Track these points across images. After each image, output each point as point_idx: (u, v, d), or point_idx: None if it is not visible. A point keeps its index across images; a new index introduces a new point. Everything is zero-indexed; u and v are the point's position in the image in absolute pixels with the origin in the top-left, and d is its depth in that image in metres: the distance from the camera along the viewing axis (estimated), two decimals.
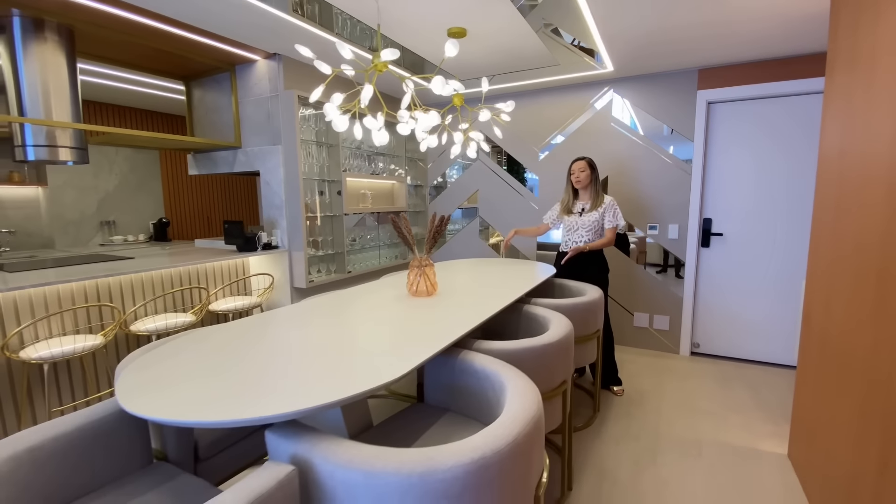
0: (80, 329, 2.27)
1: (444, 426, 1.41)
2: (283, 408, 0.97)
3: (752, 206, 3.16)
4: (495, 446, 0.93)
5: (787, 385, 2.86)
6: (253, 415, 0.95)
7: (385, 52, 1.48)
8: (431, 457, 0.89)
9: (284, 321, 1.69)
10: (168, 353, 1.35)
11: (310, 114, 3.12)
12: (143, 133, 2.68)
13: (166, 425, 1.25)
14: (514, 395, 1.15)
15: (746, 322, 3.25)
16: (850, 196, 1.58)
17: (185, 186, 5.04)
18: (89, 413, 1.12)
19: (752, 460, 2.06)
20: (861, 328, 1.43)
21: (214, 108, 3.23)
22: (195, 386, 1.10)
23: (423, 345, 1.37)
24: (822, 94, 2.83)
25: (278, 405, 0.98)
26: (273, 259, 3.10)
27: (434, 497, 0.87)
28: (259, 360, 1.27)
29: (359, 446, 0.94)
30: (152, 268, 2.39)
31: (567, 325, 1.79)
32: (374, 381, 1.10)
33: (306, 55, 1.62)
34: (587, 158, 2.77)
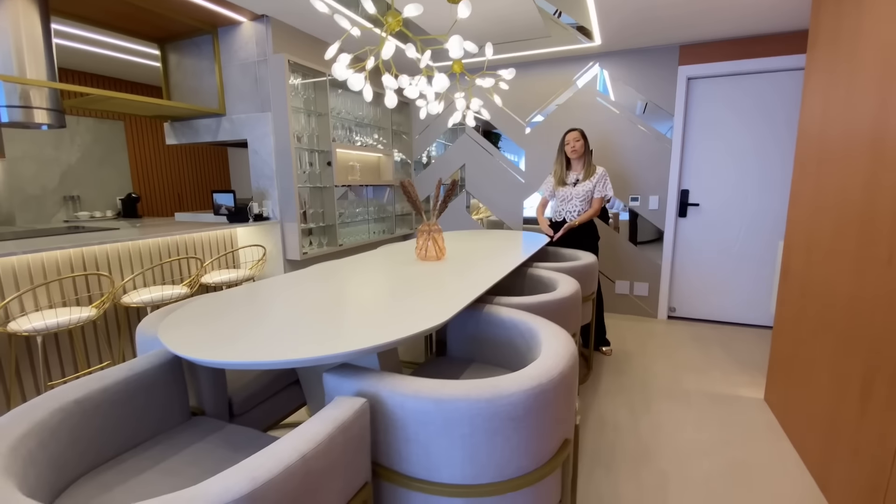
0: (68, 301, 2.15)
1: (474, 373, 1.47)
2: (339, 348, 0.99)
3: (725, 178, 3.36)
4: (549, 376, 1.00)
5: (756, 342, 3.12)
6: (312, 354, 0.96)
7: (409, 6, 1.47)
8: (496, 385, 0.95)
9: (305, 280, 1.69)
10: (199, 310, 1.32)
11: (298, 83, 3.03)
12: (130, 97, 2.52)
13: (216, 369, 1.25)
14: (551, 337, 1.22)
15: (718, 287, 3.49)
16: (831, 154, 1.74)
17: (154, 159, 4.77)
18: (131, 366, 1.10)
19: (734, 405, 2.26)
20: (842, 273, 1.59)
21: (194, 73, 3.07)
22: (242, 334, 1.10)
23: (451, 298, 1.41)
24: (796, 70, 3.03)
25: (335, 346, 1.00)
26: (264, 231, 3.03)
27: (500, 419, 0.92)
28: (295, 311, 1.28)
29: (420, 380, 0.98)
30: (145, 236, 2.28)
31: (574, 283, 1.88)
32: (424, 324, 1.14)
33: (322, 9, 1.58)
34: (580, 129, 2.86)
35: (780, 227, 3.25)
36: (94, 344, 2.31)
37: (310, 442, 0.78)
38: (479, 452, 0.93)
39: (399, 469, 0.98)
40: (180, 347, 1.01)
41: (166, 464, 1.01)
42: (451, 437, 0.92)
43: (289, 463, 0.73)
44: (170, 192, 4.93)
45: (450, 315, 1.21)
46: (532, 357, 1.34)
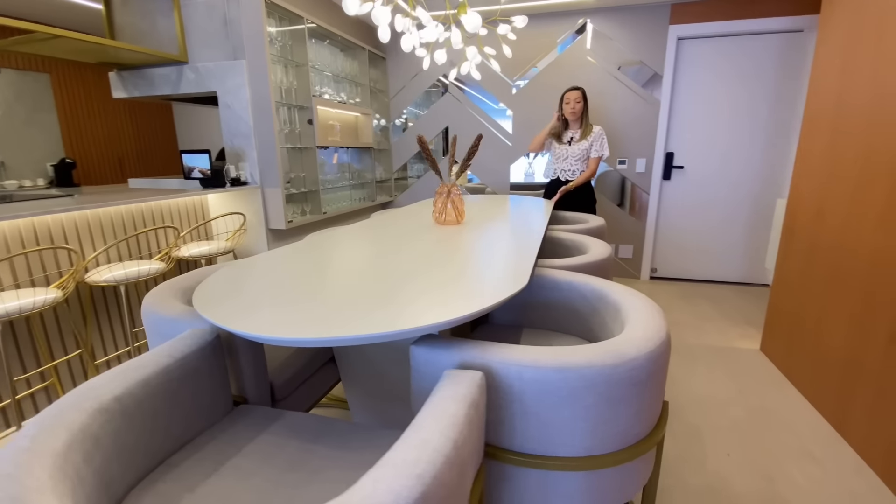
0: (21, 283, 1.81)
1: (533, 339, 1.39)
2: (440, 316, 0.86)
3: (710, 141, 3.44)
4: (660, 337, 0.93)
5: (739, 297, 3.30)
6: (400, 327, 0.82)
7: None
8: (616, 349, 0.86)
9: (328, 248, 1.50)
10: (230, 281, 1.12)
11: (273, 28, 2.67)
12: (71, 34, 2.08)
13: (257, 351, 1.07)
14: (633, 298, 1.15)
15: (699, 247, 3.64)
16: (852, 117, 1.77)
17: (88, 119, 4.12)
18: (171, 351, 0.90)
19: (734, 356, 2.37)
20: (864, 230, 1.64)
21: (144, 12, 2.61)
22: (304, 307, 0.92)
23: (507, 262, 1.30)
24: (790, 32, 3.09)
25: (417, 319, 0.86)
26: (241, 197, 2.72)
27: (625, 385, 0.85)
28: (347, 280, 1.11)
29: (531, 348, 0.88)
30: (111, 202, 1.95)
31: (603, 243, 1.84)
32: (503, 289, 1.02)
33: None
34: (581, 88, 2.77)
35: (763, 188, 3.40)
36: (59, 332, 1.98)
37: (454, 425, 0.66)
38: (602, 421, 0.85)
39: (510, 446, 0.88)
40: (248, 326, 0.83)
41: (232, 463, 0.84)
42: (574, 407, 0.83)
43: (445, 452, 0.60)
44: (109, 156, 4.32)
45: (527, 277, 1.10)
46: (600, 318, 1.28)
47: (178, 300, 1.25)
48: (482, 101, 3.86)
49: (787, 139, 3.27)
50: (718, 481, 1.51)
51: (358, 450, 0.88)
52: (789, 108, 3.22)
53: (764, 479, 1.51)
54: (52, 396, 1.98)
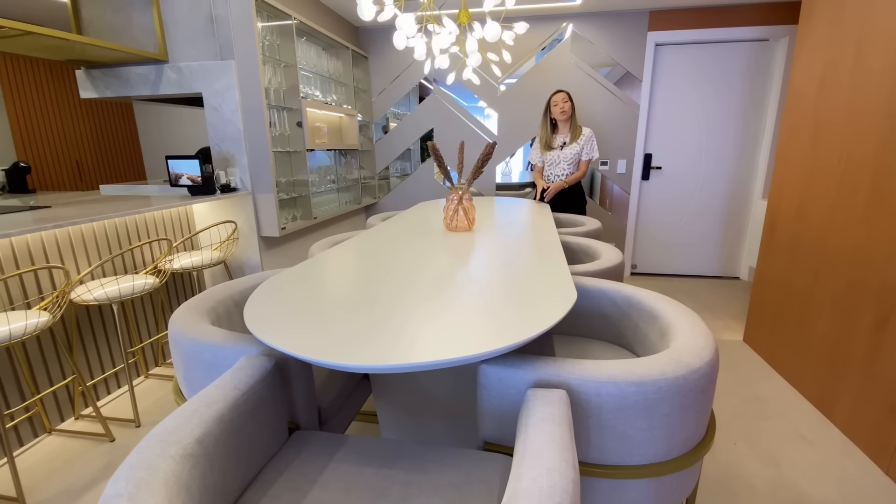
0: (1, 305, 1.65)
1: (565, 346, 1.42)
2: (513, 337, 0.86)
3: (683, 143, 3.62)
4: (713, 345, 0.98)
5: (715, 290, 3.51)
6: (473, 351, 0.81)
7: None
8: (681, 360, 0.90)
9: (354, 262, 1.46)
10: (271, 300, 1.07)
11: (260, 25, 2.55)
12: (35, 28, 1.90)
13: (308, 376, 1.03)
14: (672, 307, 1.20)
15: (675, 243, 3.83)
16: (833, 121, 1.92)
17: (42, 120, 3.77)
18: (236, 384, 0.85)
19: (721, 348, 2.53)
20: (848, 227, 1.79)
21: (117, 6, 2.42)
22: (359, 328, 0.90)
23: (541, 273, 1.32)
24: (758, 41, 3.29)
25: (483, 342, 0.86)
26: (231, 204, 2.59)
27: (694, 393, 0.89)
28: (388, 298, 1.09)
29: (604, 362, 0.90)
30: (104, 215, 1.80)
31: (613, 247, 1.90)
32: (558, 304, 1.04)
33: None
34: (566, 91, 2.84)
35: (734, 186, 3.61)
36: (39, 359, 1.82)
37: (566, 448, 0.67)
38: (675, 429, 0.89)
39: (586, 459, 0.90)
40: (331, 354, 0.80)
41: (314, 496, 0.81)
42: (650, 418, 0.86)
43: (572, 478, 0.61)
44: (66, 160, 3.99)
45: (574, 289, 1.13)
46: (632, 324, 1.33)
47: (207, 322, 1.18)
48: (465, 103, 3.87)
49: (755, 140, 3.49)
50: (732, 469, 1.61)
51: (435, 472, 0.87)
52: (757, 111, 3.44)
53: (771, 464, 1.63)
54: (36, 427, 1.82)
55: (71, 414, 1.97)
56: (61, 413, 1.94)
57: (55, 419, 1.91)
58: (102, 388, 2.11)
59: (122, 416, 1.97)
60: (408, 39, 1.87)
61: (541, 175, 3.03)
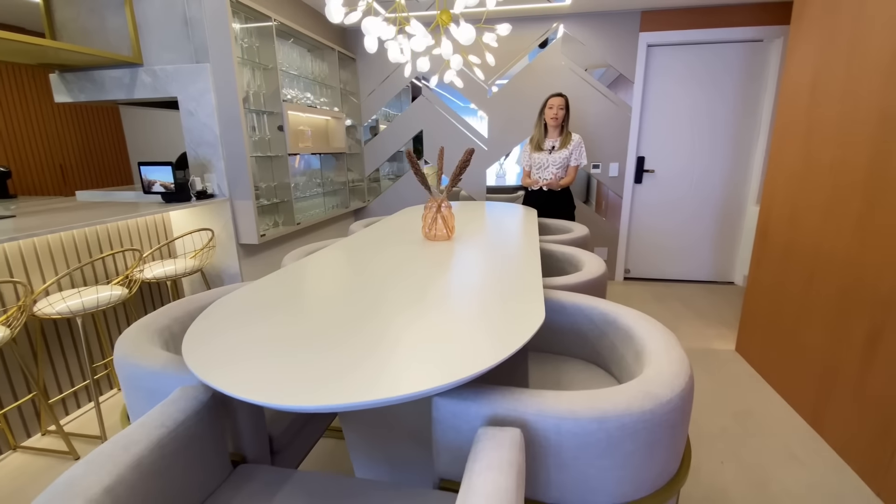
0: None
1: (540, 365, 1.36)
2: (463, 370, 0.80)
3: (676, 145, 3.55)
4: (687, 372, 0.92)
5: (709, 296, 3.43)
6: (421, 387, 0.75)
7: None
8: (649, 392, 0.84)
9: (318, 278, 1.40)
10: (217, 325, 1.00)
11: (238, 27, 2.49)
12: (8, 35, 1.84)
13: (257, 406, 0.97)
14: (649, 326, 1.14)
15: (669, 248, 3.76)
16: (826, 125, 1.85)
17: (24, 123, 3.71)
18: (163, 420, 0.79)
19: (712, 358, 2.46)
20: (841, 237, 1.72)
21: (91, 8, 2.35)
22: (302, 361, 0.84)
23: (513, 288, 1.26)
24: (749, 42, 3.22)
25: (433, 376, 0.80)
26: (208, 211, 2.53)
27: (661, 428, 0.82)
28: (342, 323, 1.03)
29: (565, 394, 0.83)
30: (67, 225, 1.74)
31: (597, 257, 1.83)
32: (524, 326, 0.98)
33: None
34: (565, 96, 2.77)
35: (727, 189, 3.54)
36: (3, 374, 1.76)
37: (509, 503, 0.60)
38: (641, 467, 0.82)
39: (545, 499, 0.84)
40: (257, 393, 0.73)
41: None
42: (614, 456, 0.80)
43: None
44: (49, 164, 3.92)
45: (542, 310, 1.06)
46: (609, 342, 1.26)
47: (156, 345, 1.12)
48: (456, 104, 3.80)
49: (749, 143, 3.42)
50: (716, 491, 1.54)
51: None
52: (751, 113, 3.36)
53: (758, 485, 1.56)
54: (0, 444, 1.76)
55: (38, 430, 1.90)
56: (27, 429, 1.87)
57: (21, 436, 1.85)
58: (72, 403, 2.05)
59: (89, 432, 1.91)
60: (386, 42, 1.80)
61: (529, 177, 2.97)
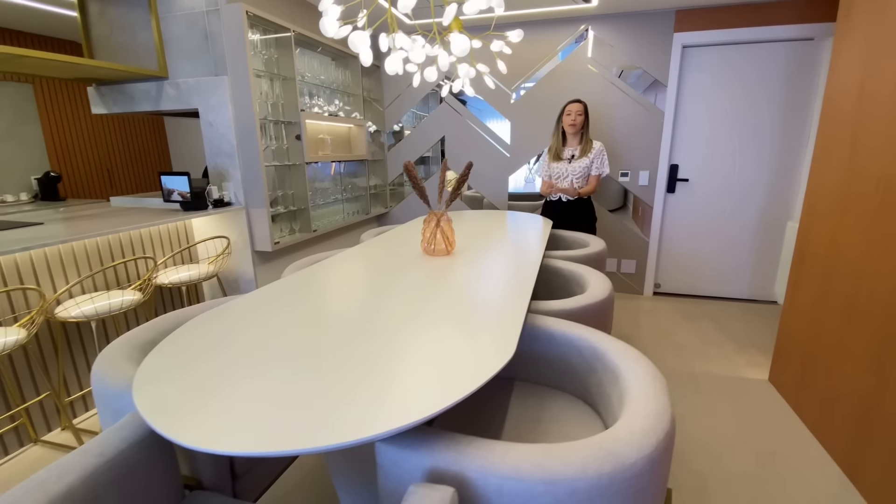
0: None
1: (523, 398, 1.28)
2: (396, 420, 0.74)
3: (714, 153, 3.30)
4: (663, 427, 0.81)
5: (743, 316, 3.18)
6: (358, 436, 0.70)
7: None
8: (611, 450, 0.75)
9: (293, 297, 1.38)
10: (173, 357, 1.01)
11: (257, 38, 2.55)
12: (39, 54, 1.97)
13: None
14: (635, 366, 1.03)
15: (703, 262, 3.51)
16: (873, 133, 1.64)
17: (75, 130, 4.01)
18: (101, 450, 0.79)
19: (741, 388, 2.25)
20: (885, 263, 1.52)
21: (122, 25, 2.49)
22: (255, 400, 0.81)
23: (495, 314, 1.19)
24: (797, 41, 2.95)
25: (386, 418, 0.75)
26: (226, 219, 2.61)
27: (622, 496, 0.73)
28: (305, 356, 1.00)
29: (514, 447, 0.76)
30: (78, 236, 1.84)
31: (605, 279, 1.71)
32: (488, 363, 0.91)
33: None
34: (583, 101, 2.64)
35: (771, 203, 3.26)
36: (27, 373, 1.88)
37: None
38: None
39: None
40: (178, 432, 0.71)
41: None
42: None
43: None
44: (98, 169, 4.22)
45: (512, 349, 0.99)
46: (597, 379, 1.16)
47: (134, 361, 1.14)
48: (480, 111, 3.73)
49: (797, 153, 3.13)
50: None
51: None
52: (799, 120, 3.07)
53: None
54: (22, 438, 1.88)
55: (58, 425, 2.02)
56: (48, 424, 2.00)
57: (42, 430, 1.97)
58: (92, 401, 2.16)
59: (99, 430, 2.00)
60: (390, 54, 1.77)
61: (549, 187, 2.85)
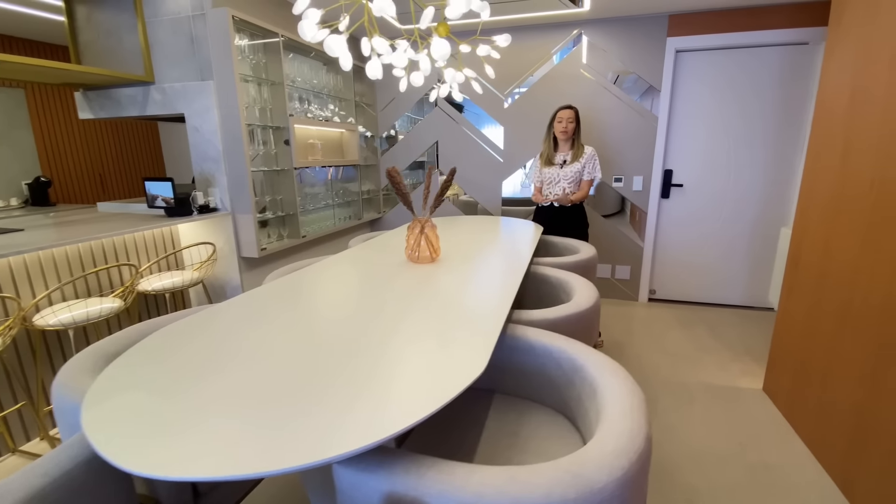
0: None
1: (502, 412, 1.24)
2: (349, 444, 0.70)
3: (708, 158, 3.27)
4: (636, 448, 0.77)
5: (739, 323, 3.13)
6: (311, 459, 0.67)
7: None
8: (579, 473, 0.71)
9: (267, 308, 1.35)
10: (131, 374, 0.97)
11: (245, 43, 2.53)
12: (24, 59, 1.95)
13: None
14: (613, 381, 0.99)
15: (698, 268, 3.47)
16: (864, 137, 1.60)
17: (67, 135, 4.00)
18: (46, 469, 0.75)
19: (735, 398, 2.21)
20: (879, 272, 1.48)
21: (109, 30, 2.47)
22: (197, 419, 0.78)
23: (470, 326, 1.15)
24: (791, 45, 2.92)
25: (341, 441, 0.71)
26: (212, 225, 2.58)
27: None
28: (266, 369, 0.96)
29: (478, 471, 0.72)
30: (59, 242, 1.81)
31: (592, 289, 1.67)
32: (454, 381, 0.87)
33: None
34: (574, 108, 2.61)
35: (766, 208, 3.23)
36: (5, 382, 1.84)
37: None
38: None
39: None
40: (119, 456, 0.68)
41: None
42: None
43: None
44: (89, 173, 4.20)
45: (484, 361, 0.95)
46: (576, 393, 1.12)
47: (95, 375, 1.10)
48: (478, 115, 3.71)
49: (792, 156, 3.10)
50: None
51: None
52: (795, 125, 3.04)
53: None
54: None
55: (37, 434, 1.99)
56: (27, 433, 1.96)
57: (21, 439, 1.93)
58: None
59: None
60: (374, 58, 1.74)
61: (540, 193, 2.82)
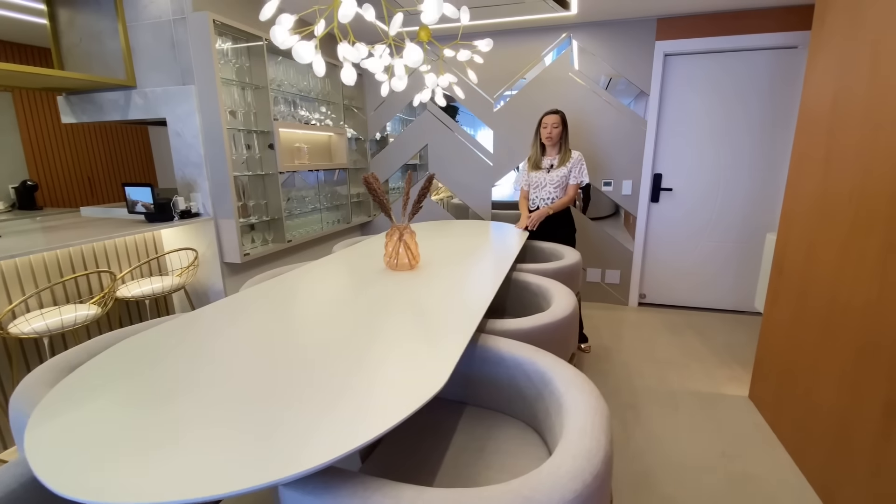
0: None
1: (471, 425, 1.22)
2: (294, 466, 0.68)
3: (698, 162, 3.26)
4: (591, 470, 0.75)
5: (728, 329, 3.11)
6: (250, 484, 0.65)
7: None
8: (530, 497, 0.69)
9: (238, 318, 1.33)
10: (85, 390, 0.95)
11: (228, 47, 2.51)
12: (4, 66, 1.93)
13: None
14: (579, 397, 0.97)
15: (688, 272, 3.45)
16: (846, 146, 1.58)
17: (55, 139, 3.97)
18: None
19: (720, 405, 2.19)
20: (860, 278, 1.46)
21: (91, 34, 2.45)
22: (152, 439, 0.75)
23: (439, 337, 1.13)
24: (778, 49, 2.91)
25: (290, 462, 0.69)
26: (194, 230, 2.55)
27: None
28: (235, 386, 0.94)
29: (425, 494, 0.70)
30: (31, 249, 1.78)
31: (571, 297, 1.65)
32: (412, 397, 0.85)
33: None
34: (560, 112, 2.59)
35: (755, 212, 3.21)
36: None
37: None
38: None
39: None
40: (57, 480, 0.65)
41: None
42: None
43: None
44: (77, 177, 4.17)
45: (445, 376, 0.93)
46: (545, 407, 1.10)
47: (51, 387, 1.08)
48: (473, 119, 3.69)
49: (780, 160, 3.08)
50: None
51: None
52: (783, 129, 3.03)
53: None
54: None
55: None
56: (4, 442, 1.93)
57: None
58: None
59: None
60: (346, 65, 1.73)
61: (526, 200, 2.80)
